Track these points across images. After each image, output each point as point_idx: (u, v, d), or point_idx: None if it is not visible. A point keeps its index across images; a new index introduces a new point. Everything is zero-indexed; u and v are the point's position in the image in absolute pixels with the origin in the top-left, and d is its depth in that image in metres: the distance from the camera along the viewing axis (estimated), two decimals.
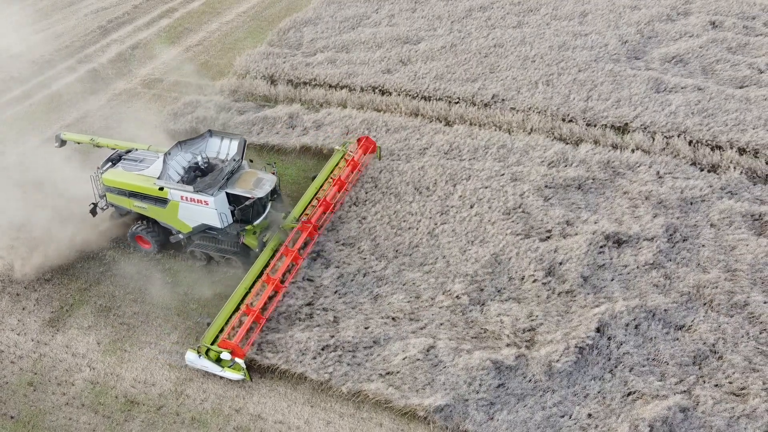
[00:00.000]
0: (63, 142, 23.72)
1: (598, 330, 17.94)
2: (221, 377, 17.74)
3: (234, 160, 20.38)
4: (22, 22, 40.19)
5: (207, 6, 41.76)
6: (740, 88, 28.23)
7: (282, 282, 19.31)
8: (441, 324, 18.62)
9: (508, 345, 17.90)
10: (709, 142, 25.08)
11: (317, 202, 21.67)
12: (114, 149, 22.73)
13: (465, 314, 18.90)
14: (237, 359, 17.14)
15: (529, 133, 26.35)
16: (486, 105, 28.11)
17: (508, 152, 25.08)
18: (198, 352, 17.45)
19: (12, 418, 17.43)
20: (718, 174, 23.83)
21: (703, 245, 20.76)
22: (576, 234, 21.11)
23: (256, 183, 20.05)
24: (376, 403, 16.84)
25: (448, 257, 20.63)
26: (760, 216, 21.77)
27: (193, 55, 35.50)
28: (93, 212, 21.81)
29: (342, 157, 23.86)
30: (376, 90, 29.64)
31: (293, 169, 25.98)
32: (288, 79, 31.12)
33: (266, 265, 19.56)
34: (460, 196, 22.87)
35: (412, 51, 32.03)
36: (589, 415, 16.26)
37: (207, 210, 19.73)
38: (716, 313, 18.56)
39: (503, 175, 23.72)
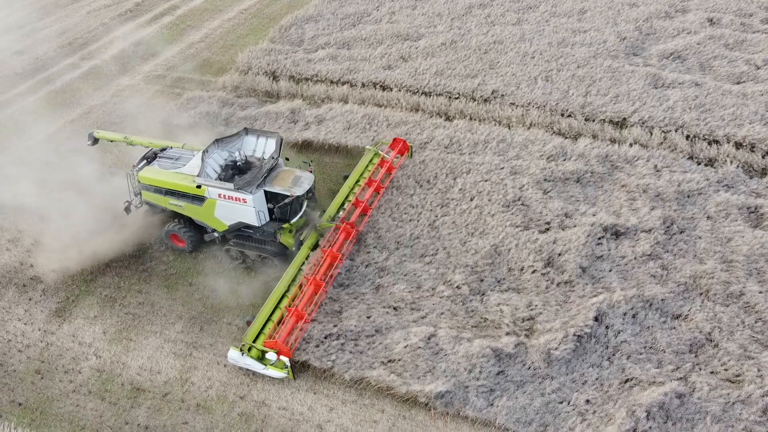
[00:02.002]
0: (95, 140, 23.54)
1: (596, 319, 18.23)
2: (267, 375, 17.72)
3: (273, 158, 20.35)
4: (25, 20, 40.60)
5: (209, 3, 42.12)
6: (737, 83, 28.52)
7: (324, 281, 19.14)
8: (441, 313, 18.91)
9: (507, 333, 18.18)
10: (706, 136, 25.36)
11: (351, 202, 21.60)
12: (147, 147, 22.60)
13: (465, 304, 19.20)
14: (282, 357, 17.16)
15: (529, 128, 26.67)
16: (486, 100, 28.41)
17: (507, 146, 25.39)
18: (241, 351, 17.47)
19: (20, 405, 17.74)
20: (714, 168, 24.13)
21: (699, 237, 21.05)
22: (575, 226, 21.40)
23: (294, 181, 20.01)
24: (377, 389, 17.13)
25: (449, 248, 20.93)
26: (756, 208, 22.07)
27: (195, 51, 35.82)
28: (127, 210, 21.72)
29: (371, 159, 23.86)
30: (377, 86, 29.94)
31: (293, 163, 26.22)
32: (290, 75, 31.42)
33: (303, 264, 19.58)
34: (460, 189, 23.18)
35: (412, 47, 32.35)
36: (588, 401, 16.55)
37: (245, 208, 19.70)
38: (712, 303, 18.84)
39: (503, 168, 24.01)
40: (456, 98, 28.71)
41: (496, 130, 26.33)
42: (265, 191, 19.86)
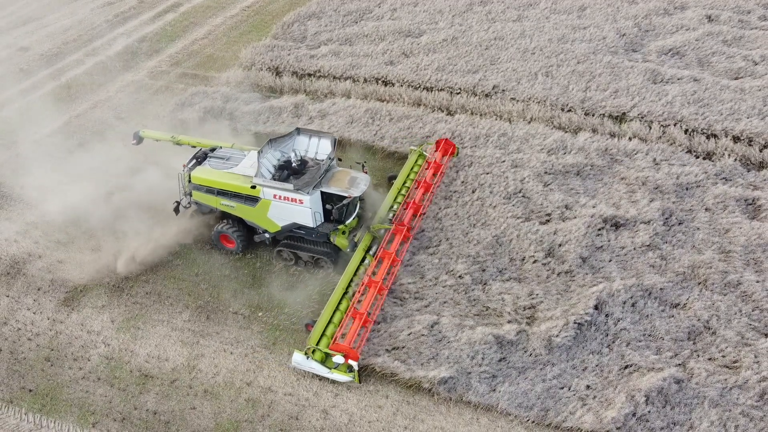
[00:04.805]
0: (140, 140, 23.32)
1: (596, 307, 18.57)
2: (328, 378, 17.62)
3: (330, 158, 20.21)
4: (30, 17, 40.90)
5: (212, 0, 42.39)
6: (735, 79, 28.84)
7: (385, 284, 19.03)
8: (445, 302, 19.23)
9: (509, 321, 18.53)
10: (704, 130, 25.65)
11: (401, 204, 21.57)
12: (195, 147, 22.37)
13: (468, 293, 19.51)
14: (351, 361, 17.09)
15: (529, 122, 26.98)
16: (487, 95, 28.72)
17: (508, 140, 25.72)
18: (306, 354, 17.30)
19: (30, 391, 18.05)
20: (713, 161, 24.48)
21: (698, 228, 21.39)
22: (575, 217, 21.74)
23: (351, 182, 19.82)
24: (382, 376, 17.45)
25: (451, 239, 21.26)
26: (753, 200, 22.42)
27: (198, 48, 36.13)
28: (176, 210, 21.52)
29: (416, 160, 23.87)
30: (380, 81, 30.22)
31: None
32: (293, 71, 31.69)
33: (359, 266, 19.51)
34: (463, 182, 23.52)
35: (414, 43, 32.66)
36: (588, 387, 16.88)
37: (301, 209, 19.59)
38: (710, 292, 19.17)
39: (504, 161, 24.35)
40: (457, 93, 29.02)
41: (497, 125, 26.65)
42: (322, 192, 19.76)
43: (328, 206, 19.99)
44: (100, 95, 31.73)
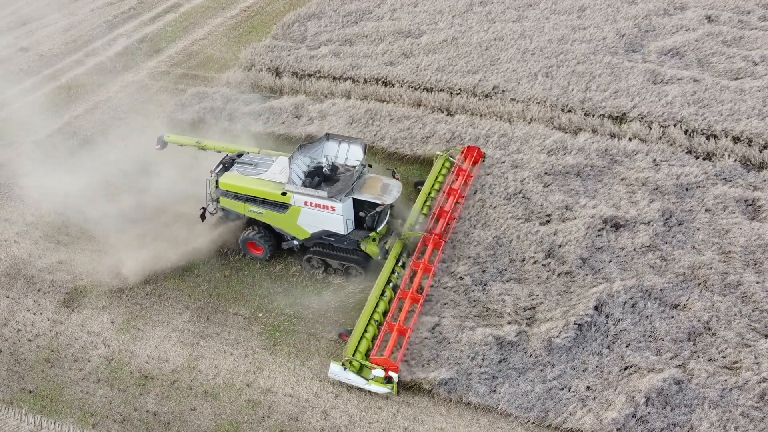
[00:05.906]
0: (165, 144, 23.07)
1: (596, 308, 18.57)
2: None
3: (362, 165, 19.99)
4: (30, 17, 40.89)
5: (212, 1, 42.35)
6: (735, 79, 28.84)
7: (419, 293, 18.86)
8: (445, 303, 19.24)
9: (509, 322, 18.53)
10: (704, 131, 25.65)
11: (429, 211, 21.49)
12: (221, 152, 22.14)
13: (468, 294, 19.50)
14: (391, 373, 16.82)
15: (529, 123, 26.96)
16: (487, 96, 28.71)
17: (508, 141, 25.71)
18: (343, 365, 17.00)
19: (30, 392, 18.06)
20: (712, 161, 24.47)
21: (697, 229, 21.39)
22: (575, 218, 21.74)
23: (383, 189, 19.60)
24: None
25: (452, 240, 21.24)
26: (753, 201, 22.42)
27: (199, 48, 36.11)
28: (202, 217, 21.29)
29: (443, 164, 23.70)
30: (379, 81, 30.21)
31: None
32: (293, 71, 31.68)
33: (392, 274, 19.39)
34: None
35: (414, 44, 32.64)
36: (588, 388, 16.89)
37: (332, 216, 19.33)
38: (710, 293, 19.18)
39: (504, 162, 24.36)
40: (457, 94, 29.01)
41: (497, 125, 26.64)
42: (354, 199, 19.51)
43: (361, 214, 19.70)
44: (100, 96, 31.71)
